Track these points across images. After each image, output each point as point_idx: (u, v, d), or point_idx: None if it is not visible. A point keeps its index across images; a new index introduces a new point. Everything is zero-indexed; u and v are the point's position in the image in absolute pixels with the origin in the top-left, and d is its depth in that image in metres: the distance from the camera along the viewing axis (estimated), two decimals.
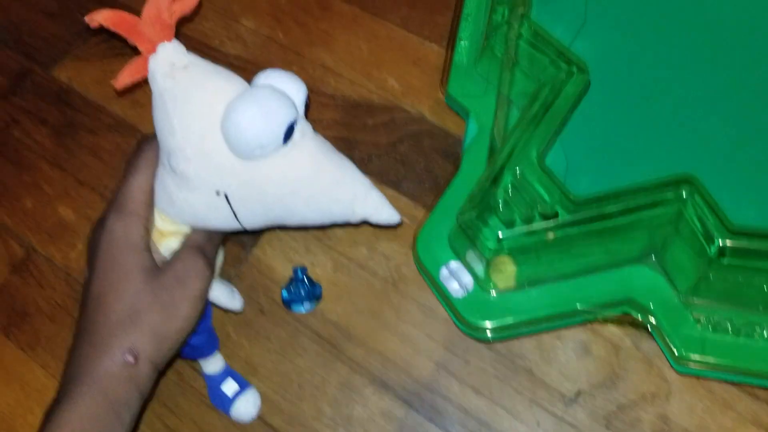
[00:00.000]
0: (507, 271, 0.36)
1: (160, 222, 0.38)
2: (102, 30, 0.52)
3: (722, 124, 0.43)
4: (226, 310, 0.42)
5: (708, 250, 0.32)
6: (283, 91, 0.34)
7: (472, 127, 0.41)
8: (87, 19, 0.33)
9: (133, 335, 0.35)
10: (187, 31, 0.53)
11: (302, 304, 0.42)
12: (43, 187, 0.50)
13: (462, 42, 0.43)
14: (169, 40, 0.34)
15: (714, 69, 0.44)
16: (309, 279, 0.43)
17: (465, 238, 0.35)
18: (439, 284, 0.37)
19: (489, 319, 0.36)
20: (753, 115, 0.43)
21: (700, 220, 0.33)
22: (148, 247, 0.37)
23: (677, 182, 0.33)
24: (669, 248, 0.35)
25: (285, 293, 0.43)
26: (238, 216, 0.36)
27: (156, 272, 0.36)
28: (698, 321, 0.34)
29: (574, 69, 0.37)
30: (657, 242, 0.35)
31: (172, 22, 0.34)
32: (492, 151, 0.39)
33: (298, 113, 0.34)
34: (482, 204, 0.35)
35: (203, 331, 0.40)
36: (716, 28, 0.46)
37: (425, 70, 0.49)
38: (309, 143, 0.34)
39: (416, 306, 0.42)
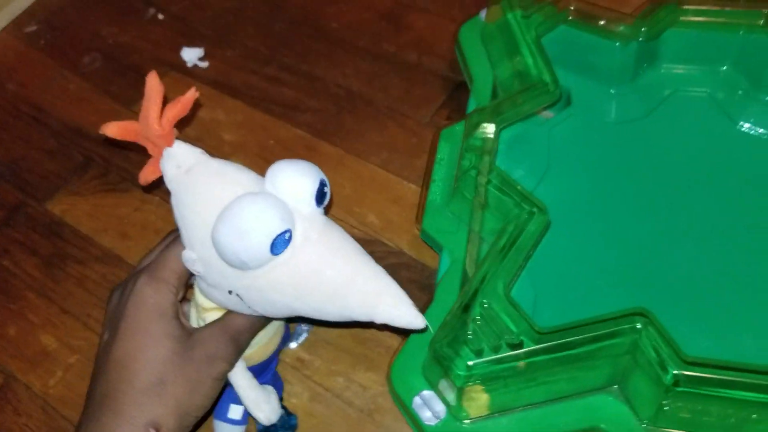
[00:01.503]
0: (479, 399, 0.37)
1: (201, 299, 0.38)
2: (96, 166, 0.55)
3: (677, 260, 0.46)
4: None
5: (664, 379, 0.34)
6: (287, 188, 0.33)
7: (445, 261, 0.44)
8: (100, 131, 0.34)
9: (158, 408, 0.34)
10: None
11: None
12: (27, 315, 0.51)
13: (435, 183, 0.47)
14: (169, 145, 0.35)
15: (666, 209, 0.48)
16: (285, 409, 0.44)
17: (437, 366, 0.37)
18: (412, 413, 0.38)
19: None
20: (705, 251, 0.46)
21: (654, 350, 0.35)
22: (177, 316, 0.36)
23: (632, 315, 0.36)
24: (630, 378, 0.37)
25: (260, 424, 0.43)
26: (256, 311, 0.35)
27: (185, 343, 0.35)
28: None
29: (535, 210, 0.41)
30: (618, 372, 0.37)
31: (167, 129, 0.34)
32: (463, 285, 0.41)
33: (293, 220, 0.32)
34: (453, 334, 0.36)
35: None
36: (667, 174, 0.50)
37: (404, 208, 0.52)
38: (311, 249, 0.33)
39: None
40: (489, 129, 0.45)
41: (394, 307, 0.33)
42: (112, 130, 0.34)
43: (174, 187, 0.35)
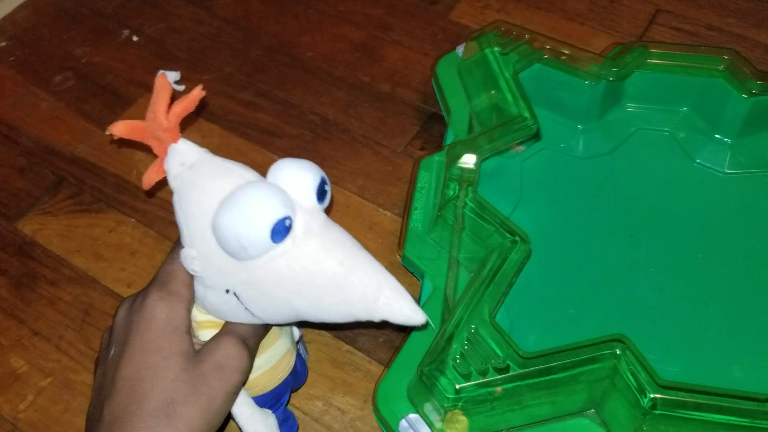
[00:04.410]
0: (463, 423, 0.38)
1: (196, 312, 0.37)
2: (69, 186, 0.55)
3: (649, 288, 0.48)
4: None
5: (642, 402, 0.36)
6: (288, 182, 0.33)
7: (427, 287, 0.45)
8: (107, 131, 0.35)
9: (169, 430, 0.33)
10: (156, 192, 0.57)
11: None
12: None
13: (416, 211, 0.48)
14: (175, 141, 0.35)
15: (630, 239, 0.51)
16: None
17: (424, 389, 0.38)
18: None
19: None
20: (666, 280, 0.49)
21: (633, 374, 0.36)
22: (188, 330, 0.36)
23: (611, 341, 0.38)
24: (607, 401, 0.39)
25: None
26: (253, 313, 0.35)
27: (194, 358, 0.34)
28: None
29: (518, 239, 0.42)
30: (596, 395, 0.39)
31: (174, 123, 0.35)
32: (445, 309, 0.42)
33: (294, 209, 0.32)
34: (441, 357, 0.38)
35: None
36: (631, 206, 0.52)
37: (380, 234, 0.53)
38: (312, 240, 0.32)
39: None
40: (471, 159, 0.47)
41: (395, 300, 0.32)
42: (120, 128, 0.35)
43: (177, 184, 0.35)
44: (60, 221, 0.56)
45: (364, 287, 0.32)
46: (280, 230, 0.31)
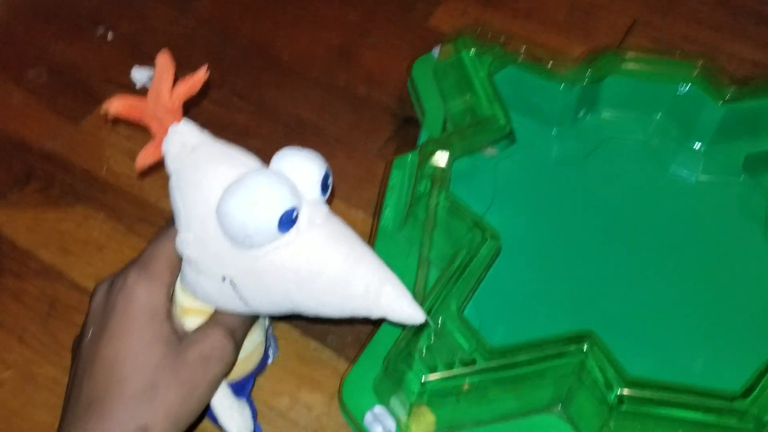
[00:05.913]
0: (429, 417, 0.38)
1: (183, 297, 0.36)
2: (38, 179, 0.54)
3: (620, 291, 0.48)
4: (217, 426, 0.39)
5: (608, 398, 0.36)
6: (293, 173, 0.32)
7: None
8: (102, 110, 0.33)
9: (149, 414, 0.32)
10: (126, 188, 0.56)
11: None
12: None
13: (387, 209, 0.48)
14: (177, 121, 0.34)
15: (602, 244, 0.51)
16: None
17: (390, 382, 0.37)
18: (363, 430, 0.39)
19: None
20: (646, 282, 0.49)
21: (600, 370, 0.36)
22: (169, 316, 0.35)
23: (579, 336, 0.38)
24: (574, 397, 0.38)
25: None
26: (248, 303, 0.34)
27: (177, 346, 0.34)
28: None
29: (488, 235, 0.42)
30: (562, 392, 0.39)
31: (177, 103, 0.34)
32: None
33: (300, 200, 0.31)
34: (407, 350, 0.37)
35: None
36: (604, 211, 0.53)
37: None
38: (316, 232, 0.32)
39: None
40: (443, 157, 0.47)
41: (397, 298, 0.31)
42: (117, 105, 0.33)
43: (177, 166, 0.33)
44: (27, 214, 0.55)
45: (367, 283, 0.31)
46: (287, 220, 0.31)
